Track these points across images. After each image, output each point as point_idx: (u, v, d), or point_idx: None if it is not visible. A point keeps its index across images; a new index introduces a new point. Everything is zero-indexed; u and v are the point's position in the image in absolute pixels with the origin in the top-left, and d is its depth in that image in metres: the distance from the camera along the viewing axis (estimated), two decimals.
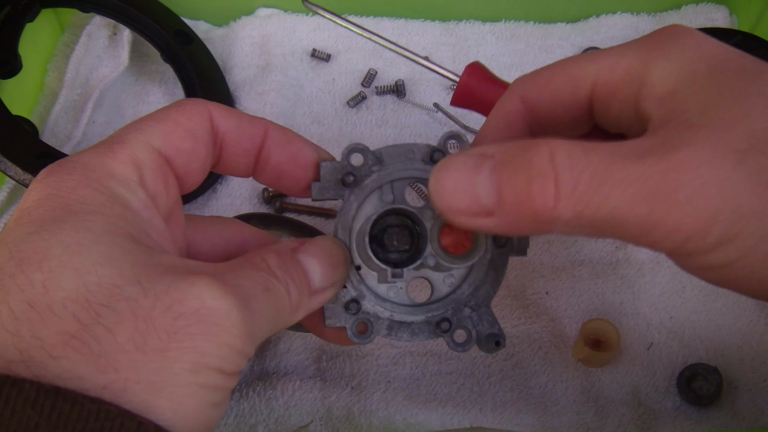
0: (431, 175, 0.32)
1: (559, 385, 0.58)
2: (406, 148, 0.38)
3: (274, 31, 0.79)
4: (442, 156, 0.38)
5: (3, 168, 0.58)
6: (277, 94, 0.74)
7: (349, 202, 0.38)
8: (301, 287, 0.34)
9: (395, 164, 0.38)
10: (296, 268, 0.34)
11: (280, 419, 0.56)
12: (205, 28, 0.82)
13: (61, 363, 0.26)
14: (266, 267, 0.33)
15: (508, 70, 0.78)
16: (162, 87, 0.78)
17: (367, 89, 0.76)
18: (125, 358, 0.27)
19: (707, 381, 0.57)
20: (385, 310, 0.38)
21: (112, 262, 0.28)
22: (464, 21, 0.81)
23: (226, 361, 0.29)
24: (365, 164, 0.38)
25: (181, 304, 0.28)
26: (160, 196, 0.34)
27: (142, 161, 0.32)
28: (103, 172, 0.31)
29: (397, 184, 0.39)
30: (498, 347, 0.38)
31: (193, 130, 0.35)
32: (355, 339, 0.38)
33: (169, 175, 0.34)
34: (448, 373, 0.59)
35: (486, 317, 0.39)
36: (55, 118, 0.70)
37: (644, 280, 0.64)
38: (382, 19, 0.80)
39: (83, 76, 0.74)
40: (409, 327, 0.39)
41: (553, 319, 0.62)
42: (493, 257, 0.39)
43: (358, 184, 0.38)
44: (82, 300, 0.27)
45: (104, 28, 0.76)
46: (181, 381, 0.27)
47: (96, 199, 0.30)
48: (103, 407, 0.26)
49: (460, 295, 0.39)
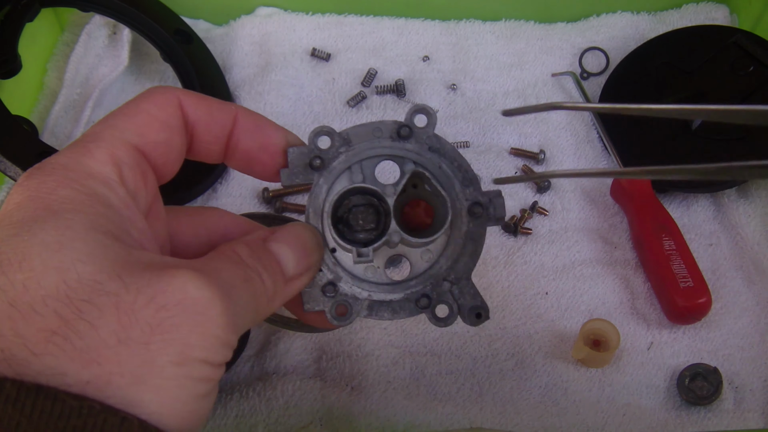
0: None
1: (559, 386, 0.58)
2: (373, 127, 0.38)
3: (274, 30, 0.79)
4: (408, 131, 0.38)
5: (2, 168, 0.58)
6: (277, 93, 0.74)
7: (318, 186, 0.38)
8: (275, 276, 0.34)
9: (363, 144, 0.38)
10: (268, 257, 0.34)
11: (280, 419, 0.56)
12: (205, 27, 0.81)
13: (43, 360, 0.26)
14: (238, 259, 0.33)
15: (508, 69, 0.78)
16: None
17: (367, 89, 0.76)
18: (108, 352, 0.27)
19: (707, 381, 0.57)
20: (362, 290, 0.38)
21: (92, 259, 0.28)
22: (464, 20, 0.81)
23: (211, 352, 0.29)
24: (333, 146, 0.38)
25: (164, 295, 0.28)
26: (140, 192, 0.33)
27: (120, 159, 0.32)
28: (83, 172, 0.31)
29: (366, 163, 0.38)
30: (480, 319, 0.38)
31: (166, 121, 0.35)
32: (335, 322, 0.38)
33: (147, 170, 0.34)
34: (448, 373, 0.59)
35: (467, 290, 0.38)
36: (54, 117, 0.70)
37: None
38: (382, 19, 0.80)
39: (83, 75, 0.74)
40: (389, 305, 0.38)
41: (553, 319, 0.62)
42: (469, 229, 0.38)
43: (326, 166, 0.38)
44: (63, 297, 0.27)
45: (104, 27, 0.76)
46: (167, 373, 0.27)
47: (76, 199, 0.30)
48: (85, 403, 0.26)
49: (438, 269, 0.38)
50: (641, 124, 0.72)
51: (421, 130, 0.38)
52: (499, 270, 0.64)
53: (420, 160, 0.38)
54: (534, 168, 0.71)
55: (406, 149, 0.38)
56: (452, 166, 0.38)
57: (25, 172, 0.32)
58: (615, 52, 0.78)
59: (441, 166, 0.38)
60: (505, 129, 0.74)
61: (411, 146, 0.38)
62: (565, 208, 0.68)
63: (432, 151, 0.38)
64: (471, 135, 0.73)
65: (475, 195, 0.38)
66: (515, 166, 0.71)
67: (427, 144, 0.38)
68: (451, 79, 0.77)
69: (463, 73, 0.77)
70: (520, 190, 0.70)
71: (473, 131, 0.74)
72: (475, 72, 0.78)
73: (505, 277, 0.64)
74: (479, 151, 0.72)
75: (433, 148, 0.38)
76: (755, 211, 0.67)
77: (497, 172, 0.70)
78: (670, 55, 0.74)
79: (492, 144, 0.73)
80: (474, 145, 0.73)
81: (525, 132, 0.74)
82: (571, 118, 0.75)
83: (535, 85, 0.77)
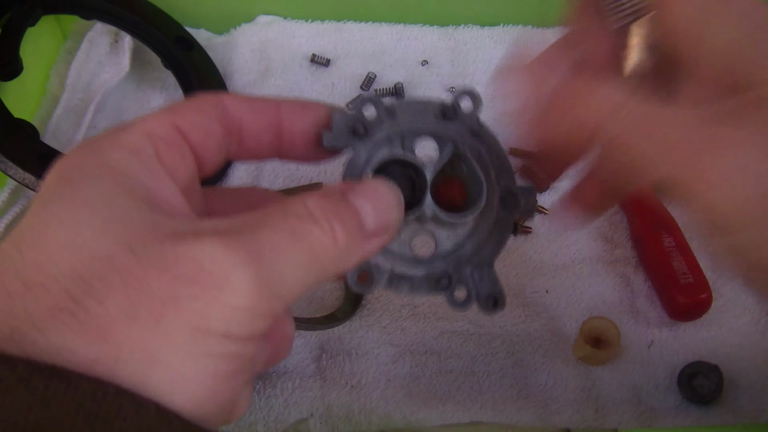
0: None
1: (560, 384, 0.58)
2: (420, 104, 0.38)
3: (274, 37, 0.80)
4: (453, 113, 0.38)
5: (4, 168, 0.59)
6: None
7: (358, 153, 0.37)
8: (352, 229, 0.32)
9: (406, 118, 0.38)
10: (346, 209, 0.32)
11: (280, 417, 0.55)
12: (206, 36, 0.82)
13: (49, 337, 0.25)
14: (302, 210, 0.30)
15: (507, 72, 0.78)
16: (163, 93, 0.78)
17: (367, 93, 0.76)
18: (116, 328, 0.26)
19: (708, 379, 0.57)
20: (386, 261, 0.37)
21: (106, 234, 0.27)
22: (462, 25, 0.81)
23: (234, 324, 0.27)
24: (377, 116, 0.38)
25: (177, 267, 0.27)
26: (177, 167, 0.33)
27: (155, 132, 0.32)
28: (112, 145, 0.31)
29: (407, 137, 0.38)
30: (496, 308, 0.37)
31: (206, 109, 0.34)
32: (356, 288, 0.37)
33: (185, 148, 0.33)
34: (448, 372, 0.58)
35: (488, 277, 0.38)
36: (56, 121, 0.71)
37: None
38: (380, 25, 0.81)
39: (85, 81, 0.75)
40: (409, 281, 0.37)
41: (554, 317, 0.62)
42: (499, 218, 0.38)
43: (368, 135, 0.37)
44: (73, 274, 0.26)
45: (106, 35, 0.77)
46: (180, 349, 0.26)
47: (97, 171, 0.29)
48: (100, 387, 0.25)
49: (463, 253, 0.38)
50: None
51: (466, 113, 0.38)
52: (498, 268, 0.62)
53: (460, 142, 0.38)
54: (534, 168, 0.71)
55: (449, 130, 0.38)
56: (491, 153, 0.38)
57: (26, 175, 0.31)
58: None
59: (480, 152, 0.38)
60: (504, 129, 0.74)
61: (454, 127, 0.38)
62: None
63: (473, 136, 0.38)
64: None
65: (510, 186, 0.38)
66: (515, 167, 0.71)
67: (470, 128, 0.38)
68: (450, 83, 0.77)
69: (462, 77, 0.78)
70: None
71: None
72: (474, 76, 0.78)
73: (505, 276, 0.64)
74: None
75: (475, 133, 0.38)
76: None
77: None
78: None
79: None
80: None
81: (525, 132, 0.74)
82: None
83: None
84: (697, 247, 0.65)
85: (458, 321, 0.61)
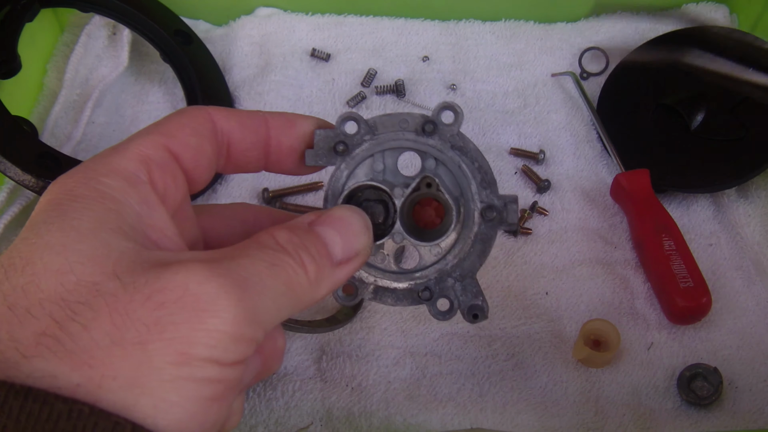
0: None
1: (560, 386, 0.58)
2: (400, 118, 0.39)
3: (273, 31, 0.79)
4: (433, 127, 0.38)
5: (2, 168, 0.58)
6: (277, 94, 0.74)
7: (339, 170, 0.38)
8: (321, 259, 0.32)
9: (387, 134, 0.39)
10: (313, 241, 0.33)
11: (280, 420, 0.56)
12: (205, 27, 0.81)
13: (33, 362, 0.26)
14: (274, 243, 0.31)
15: (507, 69, 0.78)
16: (162, 87, 0.77)
17: (367, 89, 0.76)
18: (101, 353, 0.26)
19: (707, 381, 0.57)
20: (369, 275, 0.39)
21: (93, 260, 0.28)
22: (464, 20, 0.81)
23: (218, 350, 0.27)
24: (358, 133, 0.38)
25: (163, 293, 0.27)
26: (169, 191, 0.33)
27: (149, 157, 0.32)
28: (104, 170, 0.31)
29: (389, 153, 0.39)
30: (477, 319, 0.39)
31: (197, 128, 0.35)
32: (341, 301, 0.39)
33: (177, 171, 0.34)
34: (449, 374, 0.59)
35: (470, 288, 0.39)
36: (54, 118, 0.70)
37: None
38: (381, 19, 0.80)
39: (83, 76, 0.74)
40: (393, 293, 0.39)
41: (553, 319, 0.62)
42: (480, 230, 0.39)
43: (349, 152, 0.38)
44: (58, 299, 0.26)
45: (104, 28, 0.76)
46: (165, 375, 0.26)
47: (88, 197, 0.30)
48: (75, 407, 0.25)
49: (445, 265, 0.39)
50: (641, 124, 0.72)
51: (447, 127, 0.39)
52: (499, 270, 0.64)
53: (441, 156, 0.38)
54: (534, 168, 0.71)
55: (429, 144, 0.39)
56: (473, 166, 0.39)
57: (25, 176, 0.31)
58: (615, 52, 0.78)
59: (461, 165, 0.38)
60: (504, 129, 0.74)
61: (434, 142, 0.39)
62: (564, 208, 0.69)
63: (454, 149, 0.39)
64: (471, 135, 0.73)
65: (491, 198, 0.38)
66: (515, 166, 0.71)
67: (450, 142, 0.39)
68: (451, 79, 0.77)
69: (463, 74, 0.77)
70: (521, 190, 0.70)
71: (473, 131, 0.74)
72: (475, 72, 0.78)
73: (505, 277, 0.64)
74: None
75: (456, 146, 0.39)
76: (755, 211, 0.67)
77: (497, 172, 0.70)
78: (670, 56, 0.74)
79: (492, 144, 0.73)
80: None
81: (525, 132, 0.74)
82: (570, 118, 0.75)
83: (534, 85, 0.77)
84: (696, 249, 0.65)
85: (459, 323, 0.61)
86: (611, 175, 0.71)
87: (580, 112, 0.75)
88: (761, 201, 0.68)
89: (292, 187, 0.68)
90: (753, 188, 0.69)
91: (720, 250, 0.66)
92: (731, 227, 0.67)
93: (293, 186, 0.69)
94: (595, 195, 0.70)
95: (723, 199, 0.69)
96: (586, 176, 0.71)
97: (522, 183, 0.71)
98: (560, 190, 0.70)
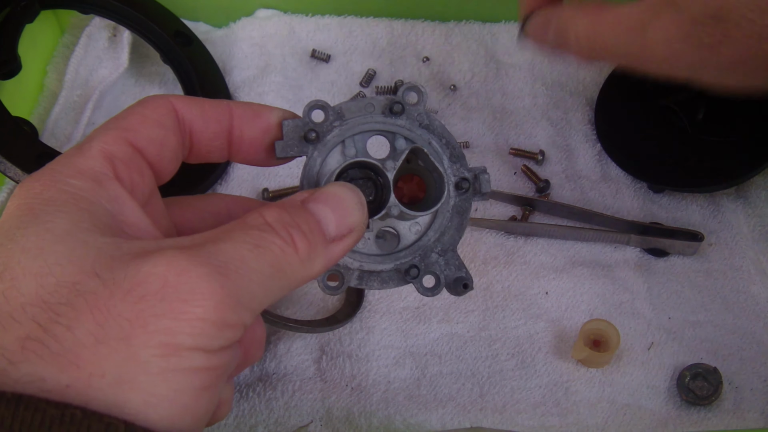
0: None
1: (560, 386, 0.58)
2: (366, 102, 0.39)
3: (273, 32, 0.79)
4: (401, 108, 0.39)
5: (2, 169, 0.58)
6: (277, 95, 0.75)
7: (312, 158, 0.39)
8: (313, 236, 0.32)
9: (356, 118, 0.39)
10: (305, 218, 0.32)
11: (280, 420, 0.56)
12: (205, 29, 0.82)
13: (20, 367, 0.25)
14: (261, 223, 0.31)
15: (507, 70, 0.78)
16: (162, 88, 0.78)
17: (366, 89, 0.76)
18: (86, 352, 0.26)
19: (707, 381, 0.57)
20: (354, 260, 0.39)
21: (71, 261, 0.28)
22: (464, 21, 0.81)
23: (203, 338, 0.27)
24: (326, 120, 0.39)
25: (142, 286, 0.27)
26: (136, 186, 0.33)
27: (113, 153, 0.32)
28: (71, 171, 0.31)
29: (359, 137, 0.39)
30: (466, 290, 0.39)
31: (159, 120, 0.34)
32: (327, 290, 0.38)
33: (143, 165, 0.34)
34: (449, 374, 0.59)
35: (453, 261, 0.40)
36: (54, 119, 0.70)
37: (643, 281, 0.64)
38: (382, 20, 0.80)
39: (83, 77, 0.74)
40: (378, 276, 0.39)
41: (553, 319, 0.62)
42: (456, 203, 0.40)
43: (320, 139, 0.39)
44: (39, 302, 0.26)
45: (104, 29, 0.76)
46: (152, 368, 0.26)
47: (59, 199, 0.30)
48: (67, 411, 0.25)
49: (426, 241, 0.39)
50: (641, 124, 0.72)
51: (413, 107, 0.39)
52: (499, 270, 0.64)
53: (411, 135, 0.39)
54: (534, 168, 0.71)
55: (398, 125, 0.39)
56: (441, 142, 0.40)
57: (25, 176, 0.31)
58: None
59: (431, 142, 0.39)
60: (504, 129, 0.74)
61: (402, 122, 0.39)
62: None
63: (422, 128, 0.39)
64: (471, 135, 0.74)
65: (462, 171, 0.39)
66: (515, 166, 0.71)
67: (417, 120, 0.39)
68: (451, 80, 0.77)
69: (463, 74, 0.77)
70: (521, 191, 0.70)
71: (473, 132, 0.74)
72: (475, 73, 0.78)
73: (505, 277, 0.64)
74: (479, 151, 0.72)
75: (423, 125, 0.40)
76: (754, 210, 0.68)
77: (497, 172, 0.71)
78: None
79: (492, 144, 0.73)
80: (473, 145, 0.73)
81: (525, 132, 0.74)
82: (570, 118, 0.75)
83: (534, 85, 0.77)
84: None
85: (459, 323, 0.61)
86: (611, 175, 0.71)
87: (580, 112, 0.75)
88: (760, 201, 0.68)
89: (293, 187, 0.69)
90: (752, 188, 0.69)
91: (719, 250, 0.66)
92: (730, 227, 0.67)
93: (293, 186, 0.69)
94: (595, 195, 0.70)
95: (722, 199, 0.69)
96: (585, 176, 0.71)
97: (522, 183, 0.71)
98: (560, 190, 0.70)
